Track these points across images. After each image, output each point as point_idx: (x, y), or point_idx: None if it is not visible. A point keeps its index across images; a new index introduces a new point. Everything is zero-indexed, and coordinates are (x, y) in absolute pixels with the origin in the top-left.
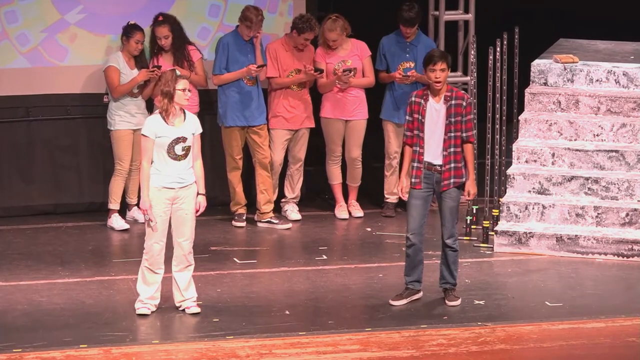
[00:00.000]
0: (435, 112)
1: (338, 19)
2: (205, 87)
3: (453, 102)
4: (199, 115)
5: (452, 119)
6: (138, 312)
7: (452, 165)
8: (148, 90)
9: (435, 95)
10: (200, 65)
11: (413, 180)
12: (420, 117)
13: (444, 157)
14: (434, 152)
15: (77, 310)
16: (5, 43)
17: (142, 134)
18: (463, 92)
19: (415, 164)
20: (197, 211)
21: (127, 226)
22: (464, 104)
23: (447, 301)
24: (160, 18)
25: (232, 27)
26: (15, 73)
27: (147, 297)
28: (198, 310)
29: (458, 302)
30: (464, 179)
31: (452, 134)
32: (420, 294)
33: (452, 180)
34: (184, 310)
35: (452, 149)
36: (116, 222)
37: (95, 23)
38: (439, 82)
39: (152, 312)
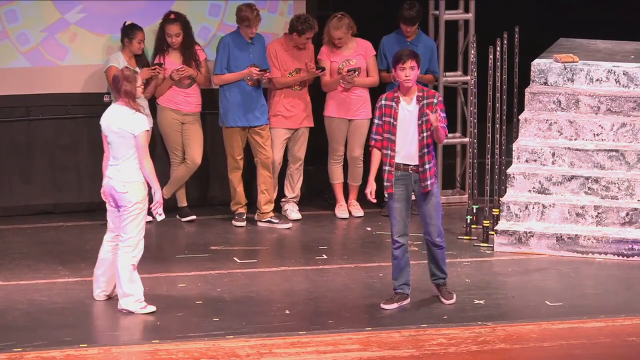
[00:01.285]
0: (407, 113)
1: (344, 17)
2: (209, 87)
3: (425, 101)
4: (200, 115)
5: (424, 119)
6: (145, 310)
7: (427, 166)
8: (150, 88)
9: (405, 96)
10: (205, 65)
11: (385, 184)
12: (392, 120)
13: (419, 157)
14: (408, 153)
15: (77, 309)
16: (5, 42)
17: (146, 130)
18: (433, 90)
19: (387, 168)
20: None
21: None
22: (435, 101)
23: (443, 299)
24: (172, 16)
25: (232, 26)
26: (15, 72)
27: (143, 292)
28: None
29: (453, 298)
30: (433, 181)
31: (425, 134)
32: (409, 299)
33: (429, 182)
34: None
35: (425, 150)
36: None
37: (95, 23)
38: (408, 80)
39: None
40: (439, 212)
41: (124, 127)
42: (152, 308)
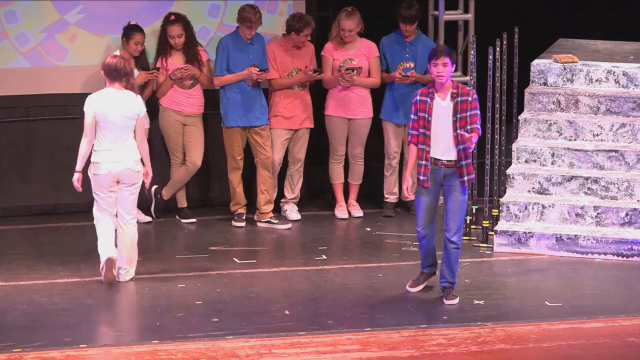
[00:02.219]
0: (442, 109)
1: (355, 11)
2: (212, 87)
3: (459, 98)
4: (203, 115)
5: (459, 116)
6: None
7: (464, 162)
8: (148, 91)
9: (440, 92)
10: (208, 66)
11: (421, 178)
12: (427, 116)
13: (457, 153)
14: (442, 148)
15: (77, 310)
16: (5, 43)
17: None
18: (468, 88)
19: (423, 162)
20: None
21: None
22: (470, 99)
23: (445, 300)
24: (173, 17)
25: (231, 26)
26: (15, 73)
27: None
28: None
29: (456, 300)
30: (472, 177)
31: (460, 131)
32: (434, 275)
33: (466, 178)
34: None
35: (461, 146)
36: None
37: (95, 23)
38: (440, 76)
39: None
40: (463, 210)
41: (134, 109)
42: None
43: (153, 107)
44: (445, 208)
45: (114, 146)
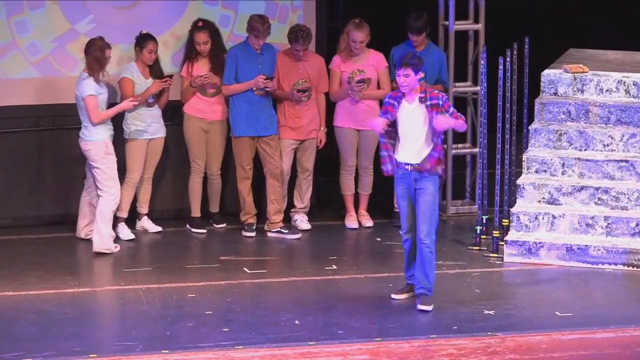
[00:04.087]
0: (410, 112)
1: (364, 22)
2: (225, 96)
3: (429, 102)
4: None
5: (430, 118)
6: (115, 250)
7: (435, 154)
8: (164, 99)
9: (407, 96)
10: None
11: (384, 168)
12: (390, 117)
13: (430, 158)
14: (413, 152)
15: (87, 320)
16: (16, 53)
17: (90, 94)
18: (437, 91)
19: (385, 153)
20: None
21: (132, 236)
22: (441, 102)
23: (419, 304)
24: (200, 24)
25: (241, 37)
26: (26, 83)
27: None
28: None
29: (430, 307)
30: (439, 170)
31: (430, 134)
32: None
33: (432, 166)
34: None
35: (432, 143)
36: (122, 231)
37: (105, 33)
38: (404, 86)
39: None
40: (434, 212)
41: (77, 91)
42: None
43: (171, 116)
44: (417, 210)
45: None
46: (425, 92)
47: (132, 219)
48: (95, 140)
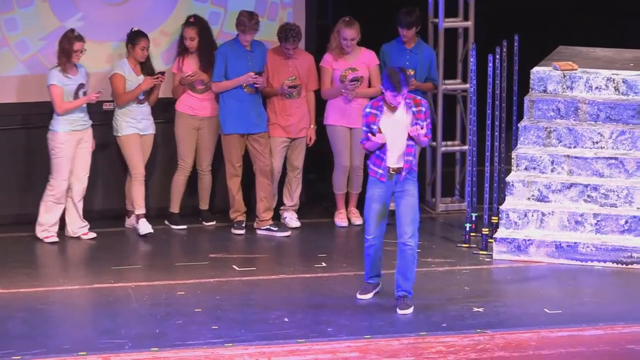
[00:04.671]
0: (393, 121)
1: (354, 19)
2: (215, 93)
3: (414, 109)
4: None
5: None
6: (48, 240)
7: (411, 158)
8: (154, 96)
9: (390, 107)
10: None
11: (379, 172)
12: (375, 128)
13: (405, 162)
14: (394, 158)
15: (76, 317)
16: (5, 50)
17: (53, 84)
18: (419, 98)
19: (380, 171)
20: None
21: (151, 231)
22: (423, 109)
23: (399, 310)
24: (192, 19)
25: (231, 34)
26: (15, 80)
27: (52, 225)
28: (95, 235)
29: (410, 310)
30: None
31: (413, 141)
32: (380, 285)
33: (404, 171)
34: (79, 237)
35: (410, 157)
36: (141, 226)
37: (94, 30)
38: (397, 104)
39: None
40: (417, 214)
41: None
42: (55, 239)
43: (162, 113)
44: (398, 213)
45: None
46: (409, 99)
47: (152, 216)
48: (55, 131)
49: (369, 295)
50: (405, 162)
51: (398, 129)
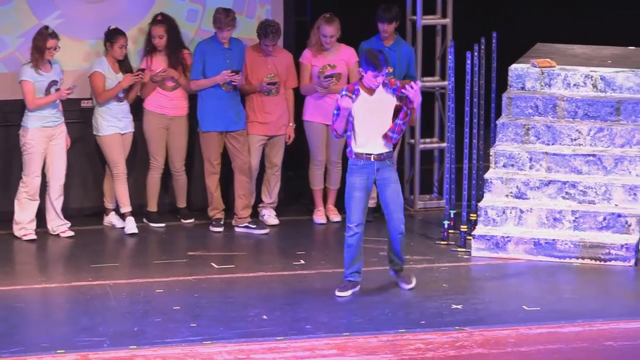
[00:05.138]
0: (370, 104)
1: (334, 16)
2: (192, 91)
3: (400, 93)
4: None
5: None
6: (26, 238)
7: (395, 135)
8: (133, 93)
9: (368, 89)
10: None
11: (349, 176)
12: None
13: (385, 145)
14: (373, 143)
15: (54, 315)
16: None
17: (24, 79)
18: (393, 79)
19: (352, 158)
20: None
21: (135, 231)
22: (397, 85)
23: (403, 284)
24: (159, 17)
25: (209, 31)
26: None
27: (28, 222)
28: (73, 233)
29: (413, 282)
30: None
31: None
32: (359, 286)
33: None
34: (58, 234)
35: (394, 134)
36: (127, 225)
37: (73, 28)
38: (377, 85)
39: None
40: (401, 198)
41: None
42: (33, 237)
43: (134, 111)
44: (385, 202)
45: None
46: (384, 82)
47: (135, 214)
48: (25, 127)
49: (348, 293)
50: (389, 138)
51: (376, 111)
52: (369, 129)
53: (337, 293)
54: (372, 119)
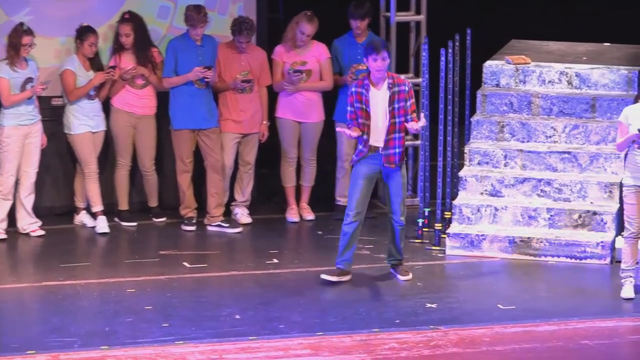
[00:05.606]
0: (379, 99)
1: (314, 16)
2: (163, 89)
3: (396, 88)
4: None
5: (396, 105)
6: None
7: (398, 150)
8: (104, 91)
9: (376, 83)
10: (161, 69)
11: (354, 158)
12: (363, 107)
13: (387, 141)
14: (379, 136)
15: (25, 315)
16: None
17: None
18: (403, 77)
19: (361, 147)
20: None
21: (107, 230)
22: (407, 89)
23: (399, 276)
24: (127, 16)
25: (181, 29)
26: None
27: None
28: (43, 232)
29: (409, 275)
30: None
31: (397, 119)
32: (350, 276)
33: (400, 163)
34: (28, 234)
35: (397, 134)
36: (98, 224)
37: (43, 25)
38: (380, 70)
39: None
40: (404, 192)
41: None
42: (3, 236)
43: (105, 109)
44: (390, 192)
45: None
46: (393, 78)
47: (107, 213)
48: (1, 125)
49: (333, 278)
50: (385, 142)
51: (380, 107)
52: (376, 123)
53: (322, 276)
54: (378, 114)
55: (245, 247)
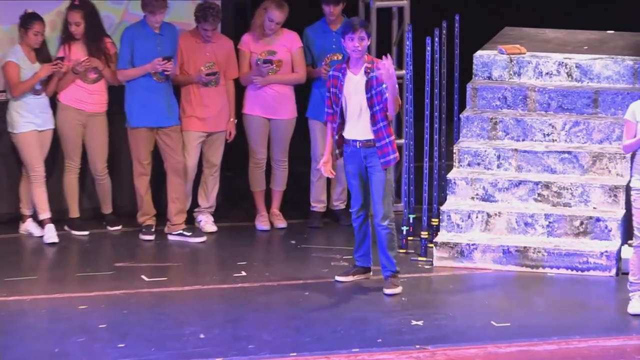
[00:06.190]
0: (355, 85)
1: (284, 2)
2: (117, 83)
3: (373, 73)
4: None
5: (374, 91)
6: None
7: (385, 141)
8: (52, 86)
9: (354, 67)
10: (115, 61)
11: (336, 151)
12: (337, 92)
13: (375, 132)
14: (360, 128)
15: None
16: None
17: None
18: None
19: (337, 137)
20: None
21: (55, 240)
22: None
23: (385, 289)
24: (77, 2)
25: (137, 15)
26: None
27: None
28: None
29: (397, 290)
30: (396, 155)
31: (377, 107)
32: (370, 274)
33: (390, 158)
34: None
35: (381, 124)
36: (46, 234)
37: None
38: (357, 50)
39: None
40: (390, 191)
41: None
42: None
43: (52, 105)
44: (371, 191)
45: None
46: (372, 62)
47: (56, 221)
48: None
49: (349, 279)
50: (374, 133)
51: (358, 95)
52: (353, 113)
53: (337, 278)
54: (355, 102)
55: (209, 258)
